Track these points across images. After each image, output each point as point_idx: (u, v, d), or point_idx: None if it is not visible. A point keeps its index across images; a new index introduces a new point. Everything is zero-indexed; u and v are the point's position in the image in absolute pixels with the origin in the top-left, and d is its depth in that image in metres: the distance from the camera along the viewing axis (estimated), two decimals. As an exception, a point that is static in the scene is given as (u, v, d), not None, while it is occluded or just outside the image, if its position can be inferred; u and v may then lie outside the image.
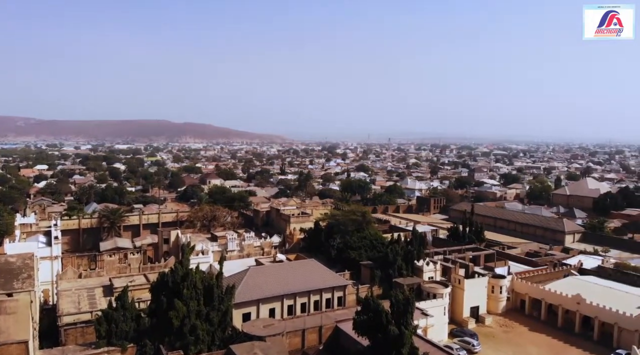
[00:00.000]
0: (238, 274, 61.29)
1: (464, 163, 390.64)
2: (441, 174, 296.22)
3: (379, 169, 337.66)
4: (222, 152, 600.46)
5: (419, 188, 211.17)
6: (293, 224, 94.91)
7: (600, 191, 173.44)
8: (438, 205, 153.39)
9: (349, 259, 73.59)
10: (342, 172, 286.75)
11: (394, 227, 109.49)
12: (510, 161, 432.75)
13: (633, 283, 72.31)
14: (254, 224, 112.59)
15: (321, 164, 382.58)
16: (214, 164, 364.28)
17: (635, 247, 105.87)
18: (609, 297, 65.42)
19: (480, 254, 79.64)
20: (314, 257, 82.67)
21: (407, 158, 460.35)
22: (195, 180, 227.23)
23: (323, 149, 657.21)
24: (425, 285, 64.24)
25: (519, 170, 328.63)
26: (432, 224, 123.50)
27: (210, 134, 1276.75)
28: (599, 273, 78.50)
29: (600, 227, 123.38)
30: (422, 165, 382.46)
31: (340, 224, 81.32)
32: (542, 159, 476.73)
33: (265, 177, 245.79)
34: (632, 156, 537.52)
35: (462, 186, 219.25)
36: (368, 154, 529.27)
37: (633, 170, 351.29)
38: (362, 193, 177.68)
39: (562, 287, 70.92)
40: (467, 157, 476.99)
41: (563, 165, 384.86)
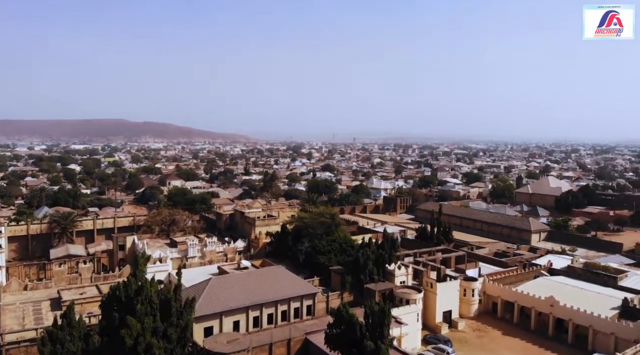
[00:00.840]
0: (199, 285, 56.77)
1: (427, 162, 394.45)
2: (405, 173, 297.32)
3: (345, 168, 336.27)
4: (183, 152, 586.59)
5: (384, 187, 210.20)
6: (258, 228, 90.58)
7: (562, 189, 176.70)
8: (404, 205, 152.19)
9: (318, 264, 70.15)
10: (308, 172, 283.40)
11: (362, 228, 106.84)
12: (470, 160, 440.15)
13: (603, 283, 71.96)
14: (217, 228, 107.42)
15: (286, 163, 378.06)
16: (175, 164, 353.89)
17: (599, 246, 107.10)
18: (582, 299, 64.55)
19: (451, 256, 77.80)
20: (281, 262, 78.86)
21: (372, 158, 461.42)
22: (155, 182, 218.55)
23: (288, 148, 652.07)
24: (398, 291, 61.53)
25: (479, 169, 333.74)
26: (399, 224, 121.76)
27: (172, 134, 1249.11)
28: (568, 273, 77.99)
29: (565, 226, 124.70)
30: (387, 164, 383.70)
31: (308, 227, 77.76)
32: (502, 158, 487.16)
33: (229, 178, 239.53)
34: (587, 155, 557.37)
35: (426, 185, 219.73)
36: (333, 154, 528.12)
37: (589, 168, 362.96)
38: (329, 193, 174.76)
39: (534, 288, 69.74)
40: (429, 157, 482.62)
41: (522, 164, 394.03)
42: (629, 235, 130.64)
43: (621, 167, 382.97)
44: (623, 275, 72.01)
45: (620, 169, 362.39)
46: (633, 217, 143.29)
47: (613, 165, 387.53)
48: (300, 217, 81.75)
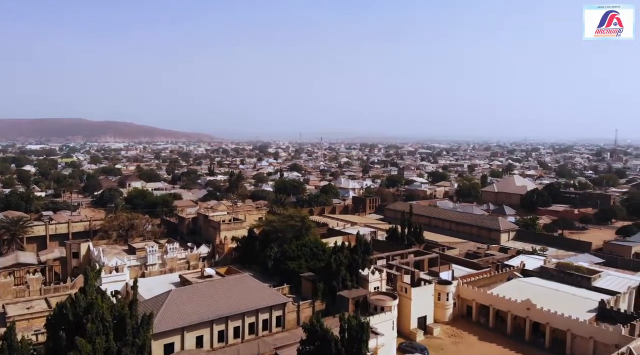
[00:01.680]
0: (158, 298, 52.10)
1: (392, 162, 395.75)
2: (372, 172, 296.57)
3: (312, 168, 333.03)
4: (145, 152, 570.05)
5: (352, 187, 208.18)
6: (224, 232, 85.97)
7: (527, 188, 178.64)
8: (373, 205, 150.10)
9: (288, 270, 66.32)
10: (275, 172, 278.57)
11: (332, 230, 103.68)
12: (434, 159, 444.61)
13: (577, 284, 71.05)
14: (179, 232, 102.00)
15: (253, 163, 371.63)
16: (136, 164, 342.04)
17: (568, 245, 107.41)
18: (558, 301, 63.21)
19: (424, 258, 75.56)
20: (248, 269, 74.73)
21: (339, 157, 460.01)
22: (114, 183, 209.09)
23: (254, 148, 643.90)
24: (372, 298, 58.48)
25: (444, 168, 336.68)
26: (369, 225, 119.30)
27: (133, 133, 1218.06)
28: (541, 274, 76.92)
29: (533, 225, 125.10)
30: (354, 164, 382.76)
31: (277, 231, 73.83)
32: (464, 157, 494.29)
33: (192, 179, 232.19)
34: (547, 153, 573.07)
35: (394, 184, 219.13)
36: (300, 153, 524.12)
37: (550, 166, 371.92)
38: (297, 194, 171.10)
39: (508, 291, 68.17)
40: (394, 156, 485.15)
41: (485, 163, 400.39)
42: (594, 233, 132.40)
43: (580, 165, 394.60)
44: (596, 276, 71.34)
45: (580, 167, 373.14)
46: (597, 215, 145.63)
47: (572, 164, 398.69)
48: (268, 221, 77.64)
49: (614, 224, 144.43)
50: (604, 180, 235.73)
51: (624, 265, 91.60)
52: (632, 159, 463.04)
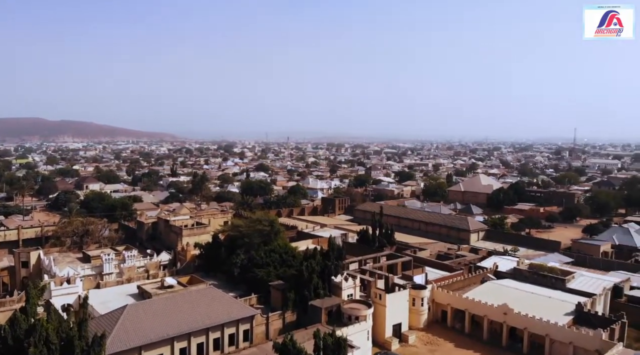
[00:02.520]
0: (112, 314, 47.28)
1: (359, 161, 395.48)
2: (340, 172, 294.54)
3: (279, 168, 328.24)
4: (104, 152, 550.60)
5: (320, 187, 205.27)
6: (186, 238, 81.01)
7: (493, 187, 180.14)
8: (342, 206, 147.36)
9: (256, 278, 62.29)
10: (241, 173, 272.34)
11: (302, 233, 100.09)
12: (400, 159, 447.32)
13: (551, 285, 69.91)
14: (138, 238, 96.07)
15: (218, 163, 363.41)
16: (94, 165, 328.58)
17: (537, 244, 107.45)
18: (534, 305, 61.74)
19: (397, 262, 72.96)
20: (212, 277, 70.33)
21: (306, 157, 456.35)
22: (71, 186, 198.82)
23: (219, 147, 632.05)
24: (346, 307, 55.27)
25: (409, 167, 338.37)
26: (339, 227, 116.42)
27: (93, 133, 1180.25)
28: (515, 276, 75.56)
29: (501, 224, 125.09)
30: (321, 163, 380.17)
31: (243, 236, 69.58)
32: (428, 156, 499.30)
33: (154, 180, 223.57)
34: (508, 152, 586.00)
35: (362, 184, 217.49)
36: (267, 153, 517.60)
37: (512, 165, 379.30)
38: (264, 194, 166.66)
39: (483, 294, 66.39)
40: (361, 156, 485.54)
41: (449, 162, 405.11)
42: (560, 232, 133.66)
43: (541, 163, 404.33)
44: (570, 277, 70.42)
45: (541, 165, 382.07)
46: (563, 214, 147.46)
47: (533, 162, 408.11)
48: (234, 225, 73.22)
49: (579, 222, 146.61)
50: (566, 179, 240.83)
51: (592, 264, 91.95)
52: (590, 157, 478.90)
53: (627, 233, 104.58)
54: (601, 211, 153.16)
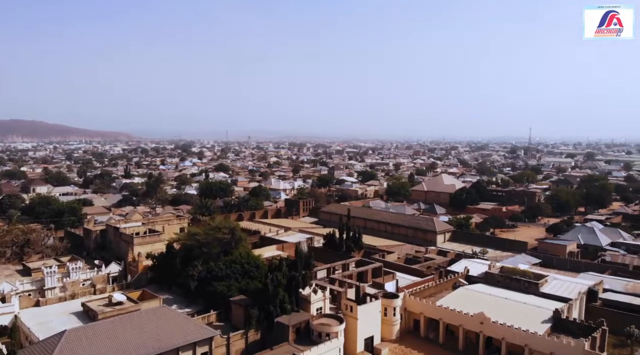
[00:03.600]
0: (48, 341, 40.84)
1: (322, 161, 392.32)
2: (303, 172, 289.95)
3: (240, 168, 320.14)
4: (55, 152, 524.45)
5: (283, 188, 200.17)
6: (138, 247, 74.19)
7: (456, 187, 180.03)
8: (307, 208, 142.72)
9: (215, 293, 56.71)
10: (200, 173, 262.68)
11: (266, 238, 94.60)
12: (361, 158, 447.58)
13: (524, 290, 67.52)
14: (86, 247, 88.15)
15: (175, 164, 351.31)
16: (43, 166, 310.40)
17: (503, 245, 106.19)
18: (510, 312, 59.03)
19: (367, 269, 68.98)
20: (167, 291, 64.21)
21: (268, 156, 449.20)
22: (17, 188, 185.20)
23: (177, 147, 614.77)
24: (316, 323, 50.64)
25: (371, 167, 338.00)
26: (304, 230, 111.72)
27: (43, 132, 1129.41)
28: (487, 280, 72.94)
29: (466, 224, 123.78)
30: (283, 163, 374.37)
31: (201, 246, 63.76)
32: (389, 155, 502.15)
33: (107, 182, 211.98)
34: (465, 151, 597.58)
35: (325, 184, 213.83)
36: (227, 153, 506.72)
37: (470, 164, 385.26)
38: (225, 196, 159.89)
39: (457, 301, 63.24)
40: (323, 155, 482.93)
41: (409, 161, 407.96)
42: (524, 231, 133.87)
43: (498, 162, 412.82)
44: (543, 281, 68.34)
45: (498, 164, 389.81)
46: (525, 213, 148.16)
47: (491, 161, 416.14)
48: (190, 234, 67.15)
49: (541, 221, 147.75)
50: (525, 177, 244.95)
51: (559, 265, 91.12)
52: (545, 156, 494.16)
53: (592, 232, 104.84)
54: (562, 210, 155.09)
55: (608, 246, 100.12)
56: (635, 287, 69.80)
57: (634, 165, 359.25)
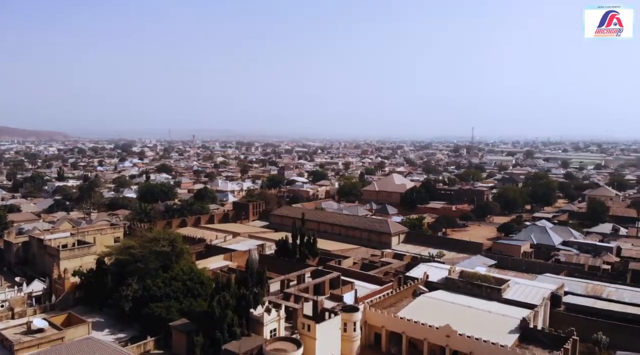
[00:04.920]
0: None
1: (271, 160, 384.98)
2: (251, 172, 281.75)
3: (184, 168, 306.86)
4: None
5: (231, 190, 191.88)
6: (65, 262, 65.30)
7: (406, 186, 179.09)
8: (257, 211, 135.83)
9: (153, 316, 49.62)
10: (140, 174, 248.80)
11: (211, 247, 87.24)
12: (311, 158, 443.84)
13: (486, 296, 64.64)
14: (6, 262, 77.65)
15: (113, 164, 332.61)
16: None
17: (458, 246, 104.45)
18: (476, 322, 55.67)
19: (325, 280, 63.82)
20: (98, 313, 56.28)
21: (214, 156, 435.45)
22: None
23: (116, 147, 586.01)
24: (270, 349, 44.79)
25: (321, 166, 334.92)
26: (254, 236, 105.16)
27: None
28: (447, 286, 69.75)
29: (419, 225, 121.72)
30: (231, 163, 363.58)
31: (136, 261, 56.26)
32: (338, 155, 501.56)
33: (38, 185, 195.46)
34: (411, 150, 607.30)
35: (276, 185, 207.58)
36: (170, 152, 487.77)
37: (416, 163, 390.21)
38: (167, 200, 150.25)
39: (419, 312, 59.34)
40: (272, 155, 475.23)
41: (357, 161, 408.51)
42: (475, 231, 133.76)
43: (442, 161, 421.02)
44: (505, 286, 65.75)
45: (443, 163, 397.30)
46: (475, 212, 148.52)
47: (435, 160, 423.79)
48: (124, 247, 59.29)
49: (490, 220, 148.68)
50: (471, 176, 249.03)
51: (515, 265, 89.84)
52: (486, 154, 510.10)
53: (545, 232, 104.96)
54: (510, 208, 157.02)
55: (560, 245, 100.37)
56: (595, 288, 68.70)
57: (571, 163, 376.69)
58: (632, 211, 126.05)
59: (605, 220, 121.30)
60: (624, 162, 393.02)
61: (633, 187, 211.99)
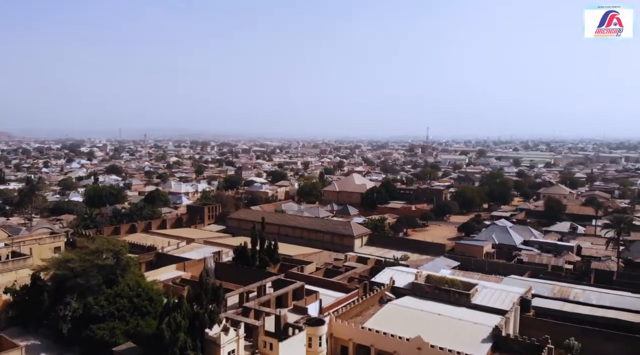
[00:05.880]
0: None
1: (228, 160, 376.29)
2: (207, 173, 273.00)
3: (135, 169, 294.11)
4: None
5: (185, 191, 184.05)
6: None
7: (367, 186, 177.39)
8: (213, 214, 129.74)
9: (94, 339, 43.99)
10: (88, 176, 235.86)
11: (163, 256, 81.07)
12: (269, 157, 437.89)
13: (455, 302, 62.34)
14: None
15: (60, 165, 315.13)
16: None
17: (421, 247, 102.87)
18: (448, 331, 53.15)
19: (288, 291, 59.57)
20: (33, 335, 49.87)
21: (167, 156, 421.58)
22: None
23: (63, 147, 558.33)
24: (228, 374, 40.29)
25: (279, 166, 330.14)
26: (210, 242, 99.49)
27: None
28: (414, 292, 67.15)
29: (382, 226, 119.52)
30: (185, 163, 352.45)
31: (76, 276, 50.16)
32: (296, 154, 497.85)
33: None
34: (368, 150, 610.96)
35: (233, 186, 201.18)
36: (121, 153, 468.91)
37: (373, 162, 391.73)
38: (116, 203, 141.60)
39: (387, 321, 56.36)
40: (229, 154, 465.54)
41: (316, 160, 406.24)
42: (435, 231, 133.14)
43: (399, 160, 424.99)
44: (474, 290, 63.70)
45: (399, 162, 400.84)
46: (435, 211, 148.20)
47: (392, 160, 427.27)
48: (62, 260, 52.85)
49: (449, 220, 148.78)
50: (427, 175, 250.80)
51: (478, 267, 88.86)
52: (440, 154, 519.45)
53: (505, 231, 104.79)
54: (468, 207, 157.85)
55: (522, 245, 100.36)
56: (562, 290, 67.87)
57: (522, 161, 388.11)
58: (587, 209, 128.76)
59: (563, 218, 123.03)
60: (572, 160, 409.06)
61: (583, 184, 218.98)
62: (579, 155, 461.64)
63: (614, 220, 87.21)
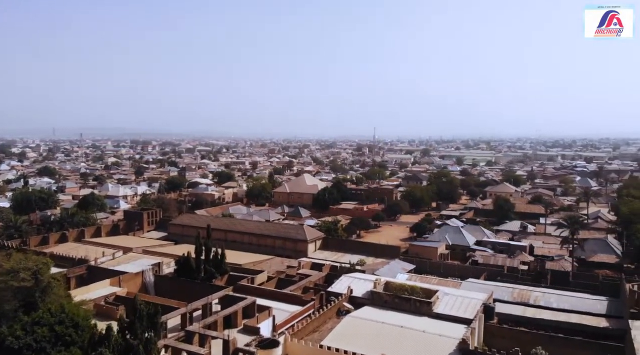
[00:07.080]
0: None
1: (170, 160, 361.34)
2: (148, 174, 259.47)
3: (70, 171, 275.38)
4: None
5: (123, 195, 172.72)
6: None
7: (318, 187, 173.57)
8: (153, 220, 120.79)
9: (5, 380, 36.85)
10: (18, 179, 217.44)
11: (96, 268, 72.60)
12: (215, 157, 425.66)
13: (415, 310, 58.98)
14: None
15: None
16: None
17: (376, 250, 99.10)
18: (412, 347, 49.70)
19: (237, 309, 53.83)
20: None
21: (105, 157, 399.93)
22: None
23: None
24: (169, 414, 34.44)
25: (226, 166, 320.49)
26: (150, 251, 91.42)
27: None
28: (373, 301, 63.44)
29: (335, 229, 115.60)
30: (124, 164, 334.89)
31: (-15, 301, 42.47)
32: (244, 154, 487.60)
33: None
34: (317, 149, 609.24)
35: (175, 188, 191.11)
36: (55, 153, 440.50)
37: (322, 162, 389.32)
38: (47, 209, 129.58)
39: (346, 338, 52.12)
40: (172, 154, 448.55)
41: (265, 160, 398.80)
42: (387, 231, 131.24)
43: (347, 160, 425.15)
44: (435, 298, 60.62)
45: (348, 161, 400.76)
46: (386, 211, 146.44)
47: (341, 159, 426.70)
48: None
49: (400, 220, 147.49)
50: (375, 174, 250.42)
51: (433, 269, 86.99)
52: (387, 153, 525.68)
53: (458, 231, 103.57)
54: (417, 206, 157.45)
55: (475, 246, 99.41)
56: (521, 294, 66.22)
57: (465, 160, 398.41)
58: (534, 207, 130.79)
59: (512, 217, 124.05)
60: (512, 158, 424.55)
61: (525, 182, 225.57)
62: (518, 154, 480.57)
63: (568, 219, 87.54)
